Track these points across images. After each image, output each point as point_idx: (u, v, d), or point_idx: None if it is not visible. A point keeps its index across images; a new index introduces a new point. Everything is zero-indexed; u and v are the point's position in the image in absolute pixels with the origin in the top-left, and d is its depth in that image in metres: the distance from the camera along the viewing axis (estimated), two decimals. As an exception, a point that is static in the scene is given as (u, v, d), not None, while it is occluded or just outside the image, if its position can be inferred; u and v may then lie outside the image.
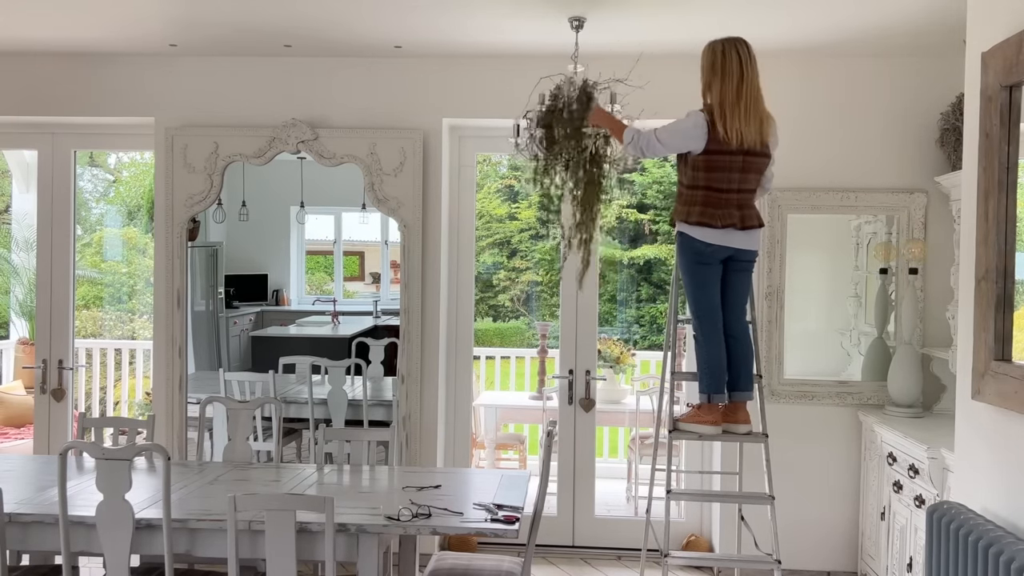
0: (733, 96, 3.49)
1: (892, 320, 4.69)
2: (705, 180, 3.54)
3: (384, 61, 4.88)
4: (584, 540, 5.12)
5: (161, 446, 3.14)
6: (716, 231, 3.56)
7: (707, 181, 3.54)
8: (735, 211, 3.56)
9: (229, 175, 4.98)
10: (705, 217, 3.55)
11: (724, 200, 3.55)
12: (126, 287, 9.43)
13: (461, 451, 5.21)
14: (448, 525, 3.16)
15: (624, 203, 11.61)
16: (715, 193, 3.54)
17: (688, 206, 3.58)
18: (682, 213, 3.61)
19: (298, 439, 5.23)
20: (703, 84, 3.60)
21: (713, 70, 3.54)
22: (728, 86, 3.50)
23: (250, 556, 3.18)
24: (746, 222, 3.58)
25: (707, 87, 3.58)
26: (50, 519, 3.15)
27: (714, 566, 4.87)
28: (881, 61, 4.67)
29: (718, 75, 3.52)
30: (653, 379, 6.11)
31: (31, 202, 6.08)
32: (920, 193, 4.66)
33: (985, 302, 2.71)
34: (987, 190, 2.71)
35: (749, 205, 3.62)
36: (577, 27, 4.07)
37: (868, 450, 4.56)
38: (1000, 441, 2.71)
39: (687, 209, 3.59)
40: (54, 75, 4.99)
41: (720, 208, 3.55)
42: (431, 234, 4.90)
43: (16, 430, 6.67)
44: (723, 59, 3.52)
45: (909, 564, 3.85)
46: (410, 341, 4.87)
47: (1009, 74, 2.60)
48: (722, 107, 3.49)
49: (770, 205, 4.72)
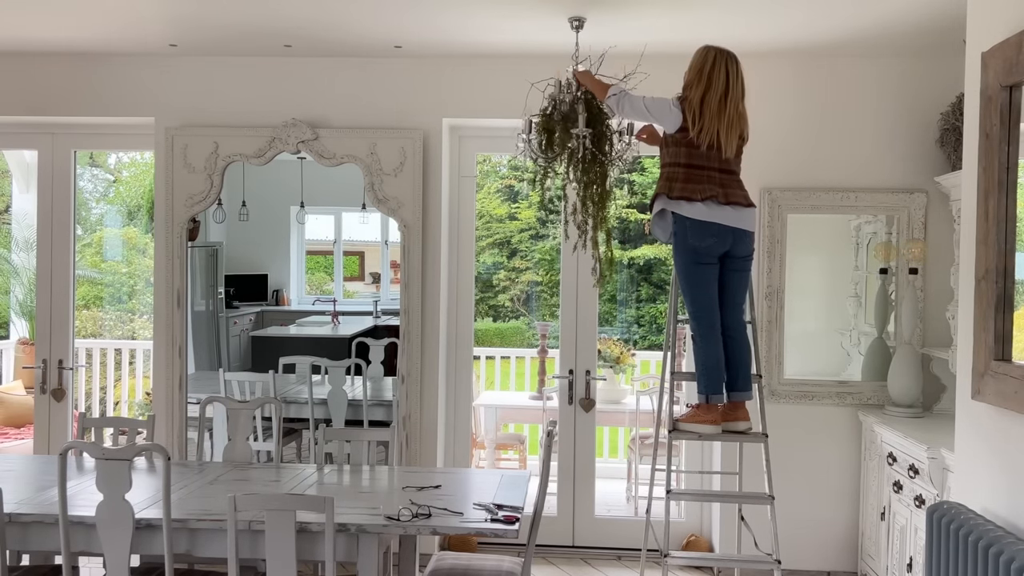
0: (715, 107, 3.60)
1: (892, 320, 4.69)
2: (686, 156, 3.62)
3: (384, 61, 4.88)
4: (584, 540, 5.12)
5: (161, 446, 3.14)
6: (700, 206, 3.58)
7: (688, 158, 3.61)
8: (717, 187, 3.61)
9: (229, 175, 4.98)
10: (687, 192, 3.59)
11: (705, 176, 3.61)
12: (126, 287, 9.44)
13: (461, 451, 5.21)
14: (448, 525, 3.16)
15: (624, 203, 11.62)
16: (696, 170, 3.61)
17: (670, 181, 3.65)
18: (664, 188, 3.66)
19: (298, 439, 5.23)
20: (687, 79, 3.69)
21: (699, 75, 3.63)
22: (711, 95, 3.60)
23: (250, 556, 3.18)
24: (730, 198, 3.63)
25: (689, 85, 3.67)
26: (50, 519, 3.15)
27: (714, 566, 4.87)
28: (881, 61, 4.67)
29: (702, 81, 3.62)
30: (653, 379, 6.12)
31: (31, 202, 6.08)
32: (920, 193, 4.66)
33: (985, 302, 2.71)
34: (987, 190, 2.71)
35: (732, 184, 3.67)
36: (577, 27, 4.07)
37: (868, 450, 4.56)
38: (1000, 441, 2.71)
39: (668, 184, 3.64)
40: (54, 75, 5.00)
41: (700, 183, 3.60)
42: (431, 234, 4.90)
43: (16, 430, 6.67)
44: (711, 68, 3.62)
45: (909, 564, 3.85)
46: (410, 341, 4.87)
47: (1009, 74, 2.60)
48: (700, 112, 3.58)
49: (770, 205, 4.72)
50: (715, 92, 3.59)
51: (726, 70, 3.61)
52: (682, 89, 3.70)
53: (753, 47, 4.51)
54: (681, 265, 3.69)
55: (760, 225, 4.69)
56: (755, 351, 3.83)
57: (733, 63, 3.63)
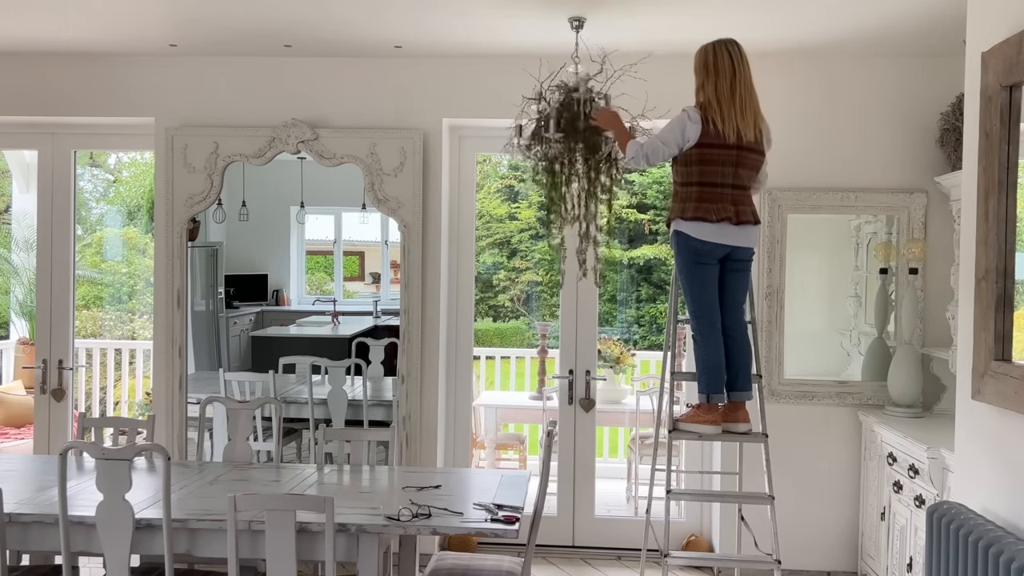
0: (728, 92, 3.56)
1: (892, 320, 4.69)
2: (699, 175, 3.57)
3: (384, 61, 4.88)
4: (584, 540, 5.12)
5: (161, 446, 3.14)
6: (711, 225, 3.56)
7: (700, 176, 3.56)
8: (730, 206, 3.58)
9: (229, 175, 4.98)
10: (700, 212, 3.56)
11: (719, 195, 3.57)
12: (126, 287, 9.44)
13: (461, 451, 5.21)
14: (448, 525, 3.16)
15: (624, 203, 11.62)
16: (709, 188, 3.57)
17: (683, 203, 3.61)
18: (678, 210, 3.63)
19: (298, 439, 5.22)
20: (696, 84, 3.66)
21: (706, 69, 3.60)
22: (722, 82, 3.56)
23: (250, 556, 3.18)
24: (741, 217, 3.60)
25: (700, 87, 3.64)
26: (50, 519, 3.15)
27: (714, 566, 4.87)
28: (881, 61, 4.67)
29: (711, 74, 3.58)
30: (653, 379, 6.11)
31: (31, 202, 6.08)
32: (920, 193, 4.66)
33: (985, 302, 2.71)
34: (987, 190, 2.70)
35: (744, 201, 3.64)
36: (577, 27, 4.07)
37: (868, 450, 4.56)
38: (1000, 441, 2.71)
39: (682, 206, 3.60)
40: (54, 75, 5.00)
41: (715, 203, 3.56)
42: (431, 234, 4.90)
43: (16, 430, 6.67)
44: (715, 58, 3.59)
45: (909, 564, 3.85)
46: (410, 341, 4.87)
47: (1009, 74, 2.60)
48: (718, 103, 3.54)
49: (770, 205, 4.72)
50: (724, 78, 3.56)
51: (728, 54, 3.58)
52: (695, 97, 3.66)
53: (754, 47, 4.49)
54: (682, 264, 3.68)
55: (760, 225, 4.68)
56: (755, 351, 3.83)
57: (735, 47, 3.60)
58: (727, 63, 3.57)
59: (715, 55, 3.59)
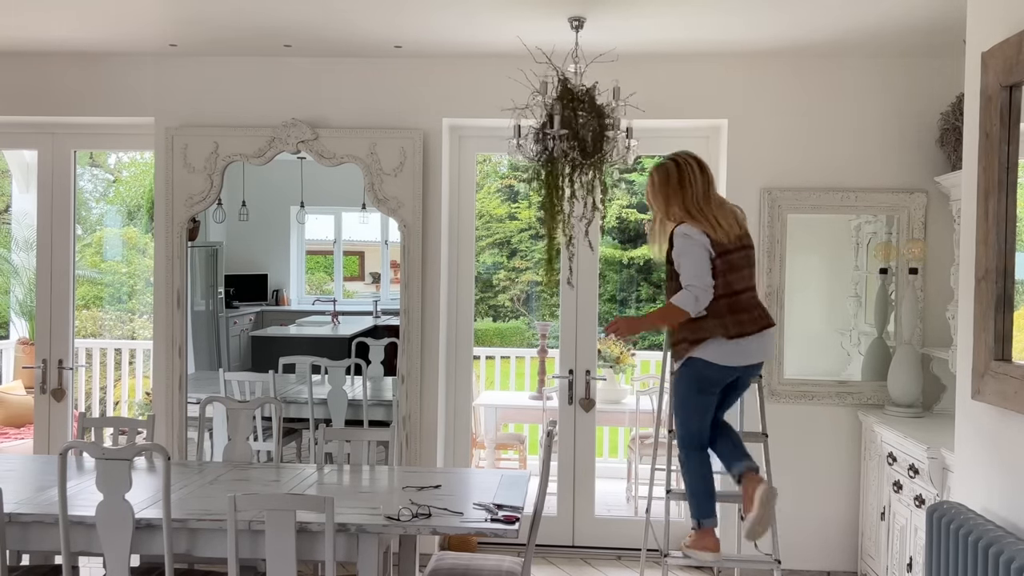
0: (703, 198, 3.47)
1: (892, 320, 4.69)
2: (723, 286, 3.41)
3: (384, 61, 4.88)
4: (584, 540, 5.12)
5: (161, 446, 3.14)
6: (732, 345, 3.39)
7: (724, 288, 3.41)
8: (756, 310, 3.48)
9: (229, 175, 4.98)
10: (740, 326, 3.39)
11: (745, 302, 3.46)
12: (126, 287, 9.44)
13: (461, 451, 5.21)
14: (448, 525, 3.16)
15: (624, 203, 11.63)
16: (736, 297, 3.44)
17: (717, 319, 3.39)
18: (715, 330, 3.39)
19: (298, 439, 5.23)
20: (661, 201, 3.54)
21: (669, 184, 3.51)
22: (695, 191, 3.47)
23: (250, 556, 3.18)
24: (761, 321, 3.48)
25: (667, 202, 3.52)
26: (50, 519, 3.15)
27: (714, 566, 4.86)
28: (881, 61, 4.67)
29: (678, 187, 3.49)
30: (653, 379, 6.12)
31: (31, 202, 6.08)
32: (920, 193, 4.66)
33: (985, 302, 2.71)
34: (987, 190, 2.71)
35: (759, 302, 3.56)
36: (577, 27, 4.06)
37: (868, 450, 4.56)
38: (1000, 441, 2.71)
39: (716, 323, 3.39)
40: (54, 75, 4.99)
41: (747, 312, 3.45)
42: (431, 234, 4.90)
43: (16, 430, 6.67)
44: (679, 173, 3.51)
45: (909, 564, 3.85)
46: (410, 341, 4.87)
47: (1009, 74, 2.60)
48: (700, 211, 3.45)
49: (770, 205, 4.72)
50: (696, 187, 3.47)
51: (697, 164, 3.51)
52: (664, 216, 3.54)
53: (753, 47, 4.52)
54: (684, 392, 3.53)
55: (760, 225, 4.69)
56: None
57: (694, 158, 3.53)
58: (696, 171, 3.49)
59: (680, 169, 3.50)
